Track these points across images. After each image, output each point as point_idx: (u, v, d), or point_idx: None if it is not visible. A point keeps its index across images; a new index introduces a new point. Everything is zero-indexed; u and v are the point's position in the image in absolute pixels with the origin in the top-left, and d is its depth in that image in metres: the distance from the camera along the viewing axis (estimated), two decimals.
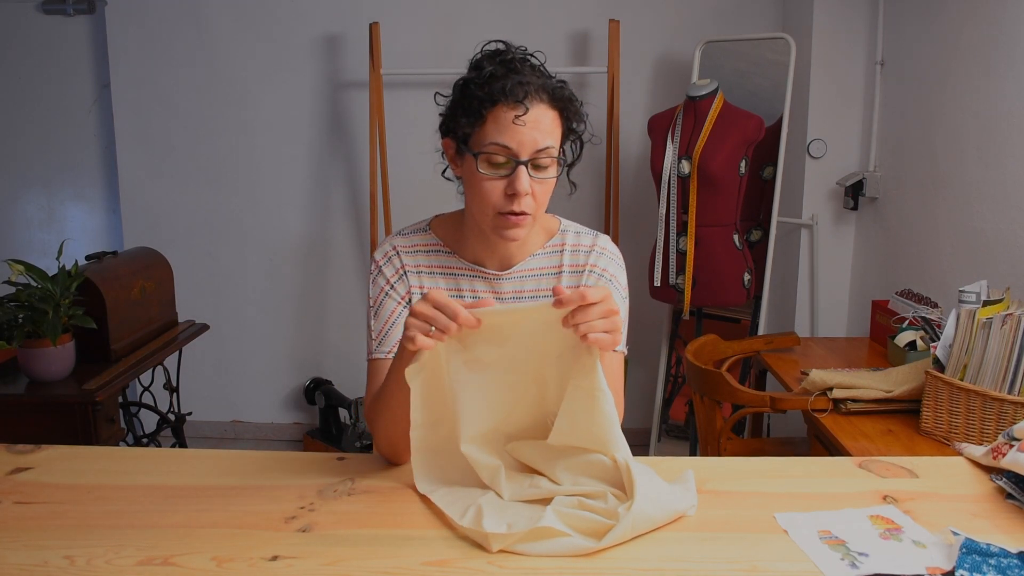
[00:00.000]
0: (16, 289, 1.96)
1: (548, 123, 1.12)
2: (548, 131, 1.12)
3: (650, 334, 3.14)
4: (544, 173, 1.13)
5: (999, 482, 1.08)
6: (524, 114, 1.09)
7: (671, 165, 2.68)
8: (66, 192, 3.50)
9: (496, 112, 1.10)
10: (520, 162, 1.10)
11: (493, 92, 1.10)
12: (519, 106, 1.09)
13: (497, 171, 1.11)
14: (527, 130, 1.09)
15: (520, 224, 1.13)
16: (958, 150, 2.26)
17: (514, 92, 1.09)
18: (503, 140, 1.09)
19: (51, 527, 0.97)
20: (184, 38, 3.24)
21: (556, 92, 1.13)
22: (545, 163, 1.12)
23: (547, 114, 1.12)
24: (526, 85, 1.10)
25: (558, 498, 0.98)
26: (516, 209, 1.11)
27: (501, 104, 1.09)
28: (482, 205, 1.14)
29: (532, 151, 1.10)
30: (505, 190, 1.11)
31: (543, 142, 1.11)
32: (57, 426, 1.95)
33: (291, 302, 3.43)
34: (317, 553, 0.91)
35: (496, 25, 3.13)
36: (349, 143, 3.30)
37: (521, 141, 1.09)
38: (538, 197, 1.13)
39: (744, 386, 1.97)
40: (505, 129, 1.09)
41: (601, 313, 0.94)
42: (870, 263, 2.83)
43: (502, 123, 1.10)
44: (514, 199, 1.11)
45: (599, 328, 0.94)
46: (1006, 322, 1.54)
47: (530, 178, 1.11)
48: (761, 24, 3.10)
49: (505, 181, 1.11)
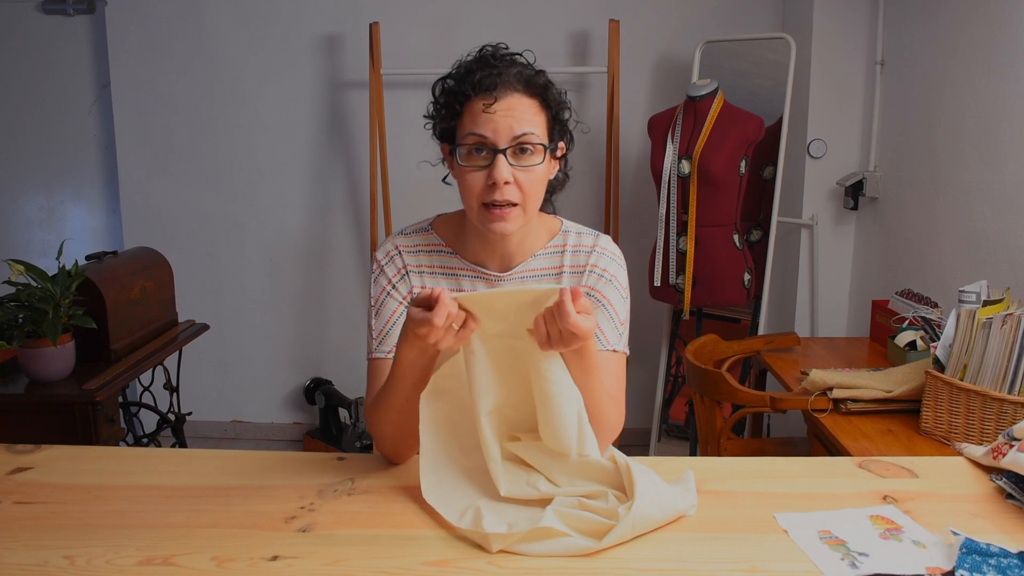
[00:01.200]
0: (16, 289, 1.96)
1: (524, 110, 1.12)
2: (526, 119, 1.12)
3: (650, 334, 3.14)
4: (526, 160, 1.12)
5: (999, 482, 1.08)
6: (494, 103, 1.10)
7: (671, 165, 2.68)
8: (66, 192, 3.50)
9: (470, 105, 1.12)
10: (498, 150, 1.11)
11: (465, 86, 1.12)
12: (488, 95, 1.11)
13: (477, 162, 1.12)
14: (500, 117, 1.10)
15: (505, 216, 1.13)
16: (958, 150, 2.26)
17: (482, 83, 1.11)
18: (478, 130, 1.11)
19: (51, 527, 0.97)
20: (184, 38, 3.24)
21: (531, 80, 1.14)
22: (527, 150, 1.12)
23: (522, 101, 1.13)
24: (495, 76, 1.11)
25: (558, 498, 0.98)
26: (498, 199, 1.11)
27: (474, 97, 1.12)
28: (468, 198, 1.15)
29: (509, 138, 1.11)
30: (486, 180, 1.12)
31: (520, 128, 1.11)
32: (57, 426, 1.94)
33: (291, 302, 3.43)
34: (317, 553, 0.91)
35: (496, 25, 3.13)
36: (349, 143, 3.30)
37: (496, 129, 1.10)
38: (524, 186, 1.13)
39: (744, 386, 1.97)
40: (479, 119, 1.11)
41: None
42: (870, 263, 2.83)
43: (476, 114, 1.12)
44: (495, 188, 1.11)
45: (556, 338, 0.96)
46: (1006, 322, 1.54)
47: (511, 166, 1.11)
48: (761, 24, 3.10)
49: (486, 172, 1.12)
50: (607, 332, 1.21)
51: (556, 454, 1.03)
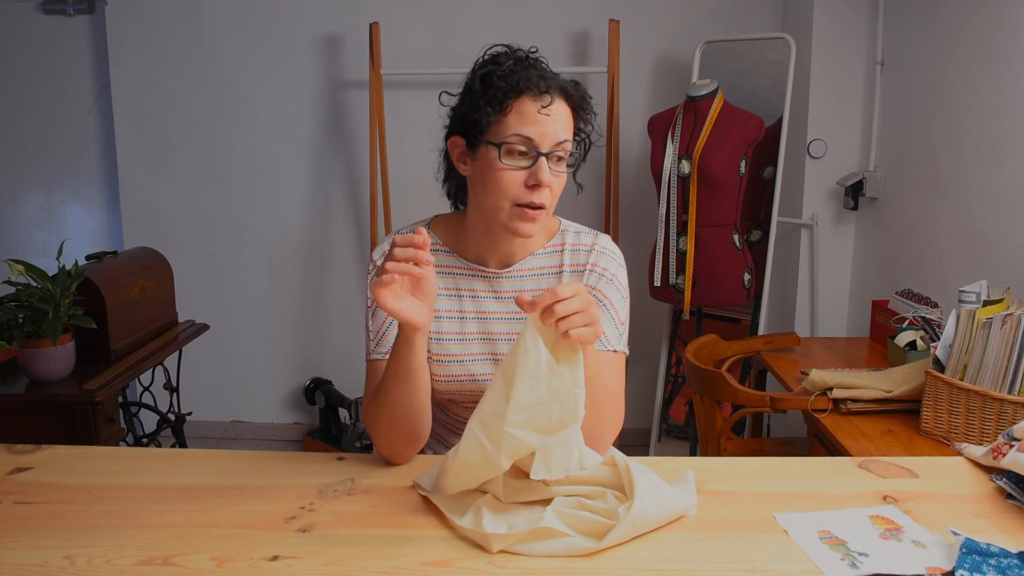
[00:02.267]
0: (16, 289, 1.96)
1: (565, 118, 1.14)
2: (566, 125, 1.14)
3: (650, 334, 3.14)
4: (560, 167, 1.14)
5: (999, 482, 1.08)
6: (549, 104, 1.11)
7: (671, 165, 2.68)
8: (66, 192, 3.50)
9: (520, 103, 1.11)
10: (541, 153, 1.11)
11: (518, 83, 1.11)
12: (544, 96, 1.11)
13: (518, 162, 1.12)
14: (550, 121, 1.11)
15: (536, 218, 1.14)
16: (958, 150, 2.26)
17: (538, 84, 1.11)
18: (526, 131, 1.11)
19: (51, 527, 0.97)
20: (184, 38, 3.24)
21: (571, 89, 1.16)
22: (562, 157, 1.14)
23: (564, 109, 1.14)
24: (548, 79, 1.12)
25: (558, 498, 0.98)
26: (536, 200, 1.12)
27: (525, 95, 1.11)
28: (499, 197, 1.13)
29: (552, 143, 1.12)
30: (526, 181, 1.12)
31: (562, 135, 1.12)
32: (57, 426, 1.94)
33: (291, 302, 3.43)
34: (317, 553, 0.90)
35: (496, 25, 3.13)
36: (349, 143, 3.30)
37: (544, 133, 1.11)
38: (554, 191, 1.14)
39: (744, 386, 1.97)
40: (529, 120, 1.11)
41: (577, 307, 0.94)
42: (870, 263, 2.83)
43: (526, 114, 1.11)
44: (536, 190, 1.11)
45: (578, 323, 0.94)
46: (1006, 322, 1.54)
47: (549, 170, 1.12)
48: (761, 24, 3.10)
49: (525, 172, 1.12)
50: (607, 332, 1.21)
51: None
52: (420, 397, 1.11)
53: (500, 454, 0.94)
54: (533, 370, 0.93)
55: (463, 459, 0.96)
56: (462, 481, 0.99)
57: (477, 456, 0.95)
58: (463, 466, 0.97)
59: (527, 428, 0.93)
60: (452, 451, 1.02)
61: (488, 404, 0.96)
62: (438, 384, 1.25)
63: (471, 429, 0.96)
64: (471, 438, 0.95)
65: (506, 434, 0.93)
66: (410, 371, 1.08)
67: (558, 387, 0.93)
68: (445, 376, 1.24)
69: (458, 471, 0.98)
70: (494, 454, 0.94)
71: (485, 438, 0.94)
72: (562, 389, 0.93)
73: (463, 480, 0.99)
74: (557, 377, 0.93)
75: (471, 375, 1.24)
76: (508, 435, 0.93)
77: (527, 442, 0.93)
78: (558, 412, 0.93)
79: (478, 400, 1.25)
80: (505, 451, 0.94)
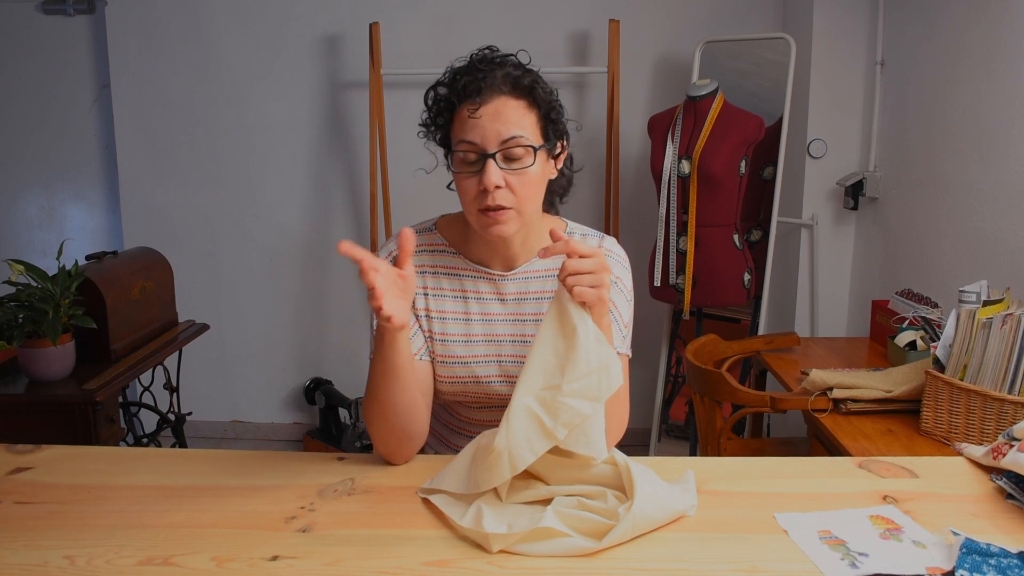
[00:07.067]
0: (16, 289, 1.96)
1: (511, 113, 1.11)
2: (513, 121, 1.11)
3: (650, 334, 3.14)
4: (517, 164, 1.12)
5: (999, 482, 1.08)
6: (478, 107, 1.11)
7: (671, 165, 2.68)
8: (66, 192, 3.50)
9: (458, 112, 1.13)
10: (487, 155, 1.10)
11: (453, 93, 1.13)
12: (473, 101, 1.11)
13: (470, 168, 1.12)
14: (487, 122, 1.10)
15: (500, 220, 1.12)
16: (958, 150, 2.26)
17: (467, 89, 1.11)
18: (467, 136, 1.11)
19: (51, 527, 0.97)
20: (184, 38, 3.24)
21: (517, 81, 1.13)
22: (517, 153, 1.11)
23: (509, 104, 1.12)
24: (479, 80, 1.11)
25: (558, 499, 0.98)
26: (491, 204, 1.11)
27: (459, 104, 1.13)
28: (465, 204, 1.15)
29: (498, 143, 1.10)
30: (478, 186, 1.11)
31: (508, 132, 1.10)
32: (57, 426, 1.94)
33: (291, 302, 3.43)
34: (317, 553, 0.91)
35: (496, 25, 3.13)
36: (349, 143, 3.30)
37: (483, 135, 1.10)
38: (517, 189, 1.12)
39: (744, 386, 1.97)
40: (468, 126, 1.11)
41: (589, 268, 0.99)
42: (870, 263, 2.83)
43: (463, 121, 1.12)
44: (486, 194, 1.11)
45: (586, 282, 0.99)
46: (1006, 322, 1.54)
47: (501, 170, 1.11)
48: (761, 24, 3.11)
49: (478, 177, 1.12)
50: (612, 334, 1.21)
51: (557, 458, 1.03)
52: (408, 393, 1.11)
53: (557, 424, 0.97)
54: (583, 341, 0.98)
55: (513, 438, 0.98)
56: (511, 465, 0.98)
57: (534, 431, 0.98)
58: (514, 446, 0.97)
59: (580, 397, 0.98)
60: (470, 447, 1.05)
61: (539, 378, 1.00)
62: (442, 385, 1.25)
63: (524, 406, 0.99)
64: (523, 415, 0.98)
65: (563, 404, 0.97)
66: (396, 368, 1.08)
67: (605, 356, 0.99)
68: (449, 378, 1.24)
69: (494, 461, 0.98)
70: (552, 425, 0.97)
71: (542, 411, 0.98)
72: (608, 358, 0.99)
73: (514, 462, 0.98)
74: (604, 347, 0.99)
75: (475, 377, 1.24)
76: (565, 405, 0.97)
77: (581, 411, 0.98)
78: (606, 380, 0.99)
79: (483, 402, 1.26)
80: (562, 421, 0.98)
